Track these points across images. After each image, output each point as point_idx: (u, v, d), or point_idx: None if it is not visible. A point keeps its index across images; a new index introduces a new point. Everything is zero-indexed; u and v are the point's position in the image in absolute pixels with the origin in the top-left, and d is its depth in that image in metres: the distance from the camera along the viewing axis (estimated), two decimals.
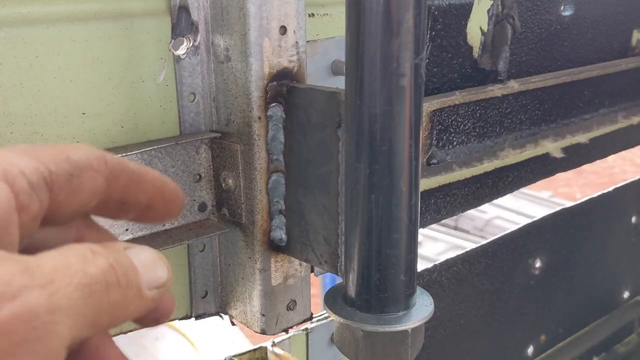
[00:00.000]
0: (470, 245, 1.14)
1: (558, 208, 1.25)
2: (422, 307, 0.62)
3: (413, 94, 0.55)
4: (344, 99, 0.61)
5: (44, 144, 0.50)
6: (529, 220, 1.20)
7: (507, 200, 4.43)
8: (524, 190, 4.53)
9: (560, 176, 1.16)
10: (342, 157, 0.63)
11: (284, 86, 0.67)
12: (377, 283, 0.60)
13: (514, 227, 1.18)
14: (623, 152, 1.25)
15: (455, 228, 4.44)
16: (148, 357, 2.90)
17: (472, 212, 4.38)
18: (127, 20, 0.66)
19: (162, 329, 2.95)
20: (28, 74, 0.61)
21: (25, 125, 0.62)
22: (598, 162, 1.20)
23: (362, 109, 0.56)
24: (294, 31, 0.68)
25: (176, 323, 2.91)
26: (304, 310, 0.77)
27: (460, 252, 1.10)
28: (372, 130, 0.56)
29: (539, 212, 4.12)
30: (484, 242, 1.13)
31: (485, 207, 4.34)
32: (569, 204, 1.27)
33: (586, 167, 1.18)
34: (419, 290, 0.64)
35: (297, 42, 0.68)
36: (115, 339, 0.72)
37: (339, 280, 0.67)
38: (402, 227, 0.59)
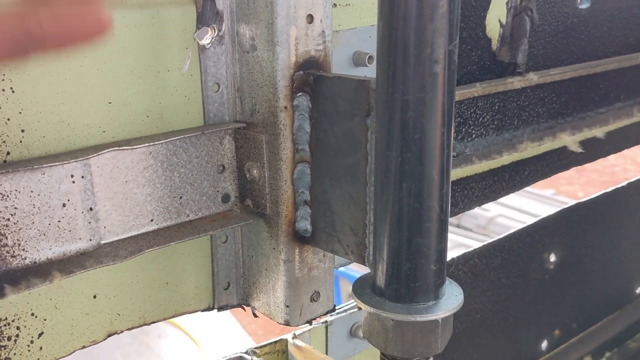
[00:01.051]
0: (473, 243, 1.13)
1: (571, 203, 1.25)
2: (452, 297, 0.62)
3: (447, 81, 0.55)
4: (373, 87, 0.61)
5: None
6: (533, 219, 1.20)
7: (510, 198, 4.42)
8: (526, 188, 4.53)
9: (562, 174, 1.15)
10: (371, 146, 0.63)
11: (311, 75, 0.67)
12: (408, 272, 0.59)
13: (517, 226, 1.18)
14: (624, 151, 1.25)
15: (458, 226, 4.43)
16: (151, 355, 2.89)
17: (475, 210, 4.37)
18: (153, 9, 0.65)
19: (165, 327, 2.94)
20: (55, 62, 0.61)
21: (52, 114, 0.62)
22: (599, 160, 1.19)
23: (394, 96, 0.55)
24: (321, 20, 0.67)
25: (179, 321, 2.90)
26: (327, 302, 0.76)
27: (463, 250, 1.10)
28: (405, 118, 0.56)
29: (542, 210, 4.11)
30: (500, 236, 1.13)
31: (488, 205, 4.33)
32: (572, 202, 1.27)
33: (587, 165, 1.18)
34: (448, 281, 0.63)
35: (323, 30, 0.68)
36: (116, 337, 0.71)
37: (342, 279, 0.66)
38: (433, 216, 0.58)
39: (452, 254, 1.09)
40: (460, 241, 4.10)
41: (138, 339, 2.90)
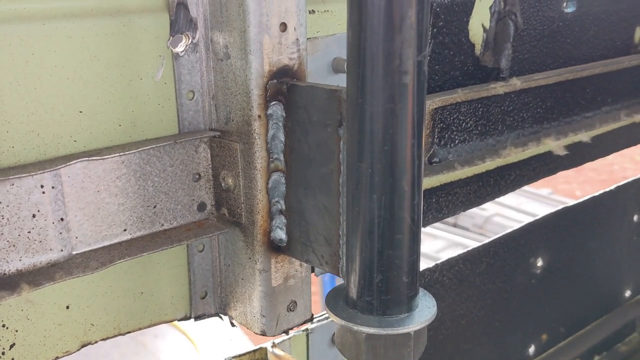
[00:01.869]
0: (470, 243, 1.13)
1: (559, 206, 1.24)
2: (425, 309, 0.61)
3: (416, 92, 0.54)
4: (345, 97, 0.60)
5: None
6: (530, 218, 1.19)
7: (507, 197, 4.41)
8: (523, 187, 4.52)
9: (560, 173, 1.15)
10: (344, 156, 0.62)
11: (284, 84, 0.66)
12: (379, 285, 0.59)
13: (514, 225, 1.17)
14: (622, 150, 1.24)
15: (455, 225, 4.43)
16: (147, 355, 2.89)
17: (471, 209, 4.37)
18: (125, 17, 0.65)
19: (162, 327, 2.94)
20: (24, 72, 0.60)
21: (21, 124, 0.61)
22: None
23: (364, 107, 0.55)
24: (295, 28, 0.67)
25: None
26: (305, 311, 0.76)
27: (460, 249, 1.09)
28: (374, 129, 0.55)
29: (539, 209, 4.11)
30: (485, 241, 1.12)
31: (485, 204, 4.32)
32: (569, 201, 1.26)
33: (586, 164, 1.17)
34: (422, 292, 0.63)
35: (297, 39, 0.67)
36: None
37: (339, 280, 0.66)
38: (404, 227, 0.58)
39: (448, 253, 1.08)
40: (457, 241, 4.10)
41: (135, 339, 2.90)
